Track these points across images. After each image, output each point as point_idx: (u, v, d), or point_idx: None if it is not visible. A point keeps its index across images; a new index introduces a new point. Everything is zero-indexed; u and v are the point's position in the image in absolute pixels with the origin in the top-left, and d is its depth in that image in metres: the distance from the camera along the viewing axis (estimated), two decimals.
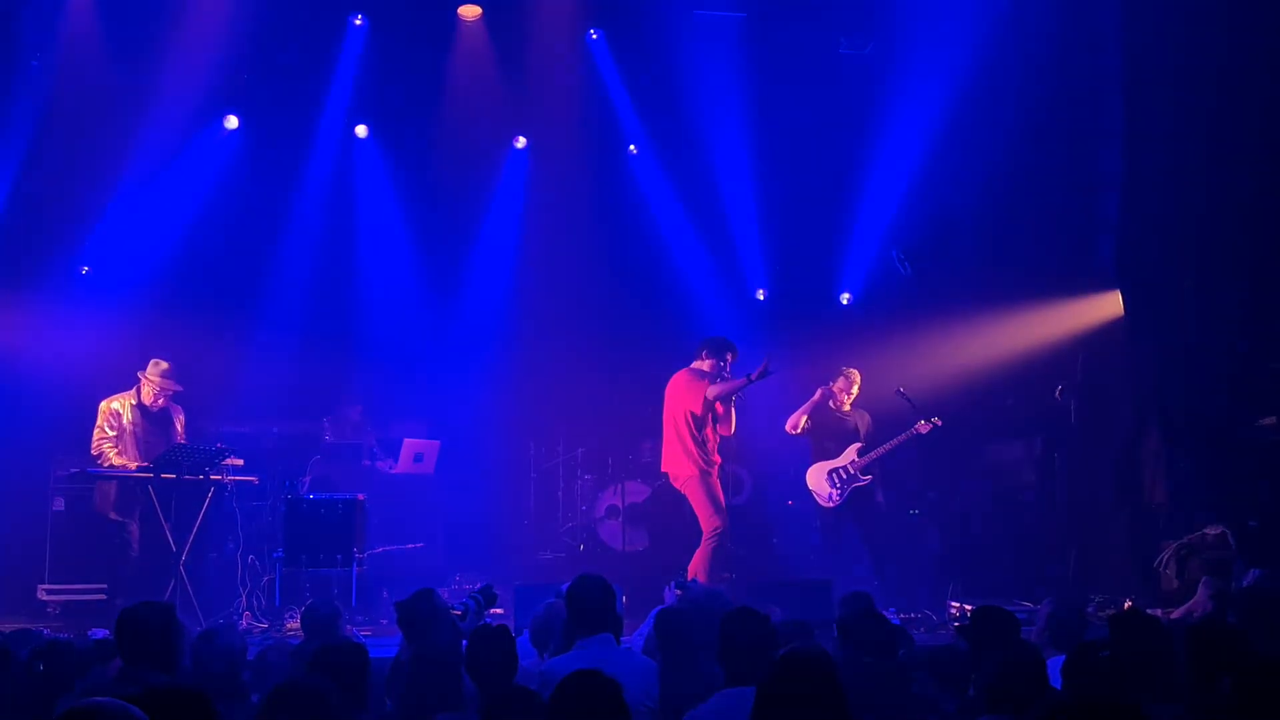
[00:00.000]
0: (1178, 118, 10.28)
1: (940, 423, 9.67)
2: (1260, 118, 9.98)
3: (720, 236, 12.38)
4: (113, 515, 9.15)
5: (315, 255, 11.68)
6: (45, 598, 9.68)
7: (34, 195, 10.62)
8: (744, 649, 4.64)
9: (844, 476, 9.83)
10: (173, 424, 9.48)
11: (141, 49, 10.67)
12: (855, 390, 10.02)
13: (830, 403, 10.02)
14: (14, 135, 10.43)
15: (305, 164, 11.68)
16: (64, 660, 5.28)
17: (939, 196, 11.66)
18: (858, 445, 9.87)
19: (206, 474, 9.04)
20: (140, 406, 9.35)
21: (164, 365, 9.38)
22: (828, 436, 9.98)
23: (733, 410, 9.22)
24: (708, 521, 9.12)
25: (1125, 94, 10.69)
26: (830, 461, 9.89)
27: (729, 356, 9.16)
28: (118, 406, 9.29)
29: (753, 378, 8.85)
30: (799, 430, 9.94)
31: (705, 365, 9.19)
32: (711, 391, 9.02)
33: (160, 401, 9.39)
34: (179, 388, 9.45)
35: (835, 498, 9.85)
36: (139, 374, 9.38)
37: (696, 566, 8.87)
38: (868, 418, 10.06)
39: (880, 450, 9.78)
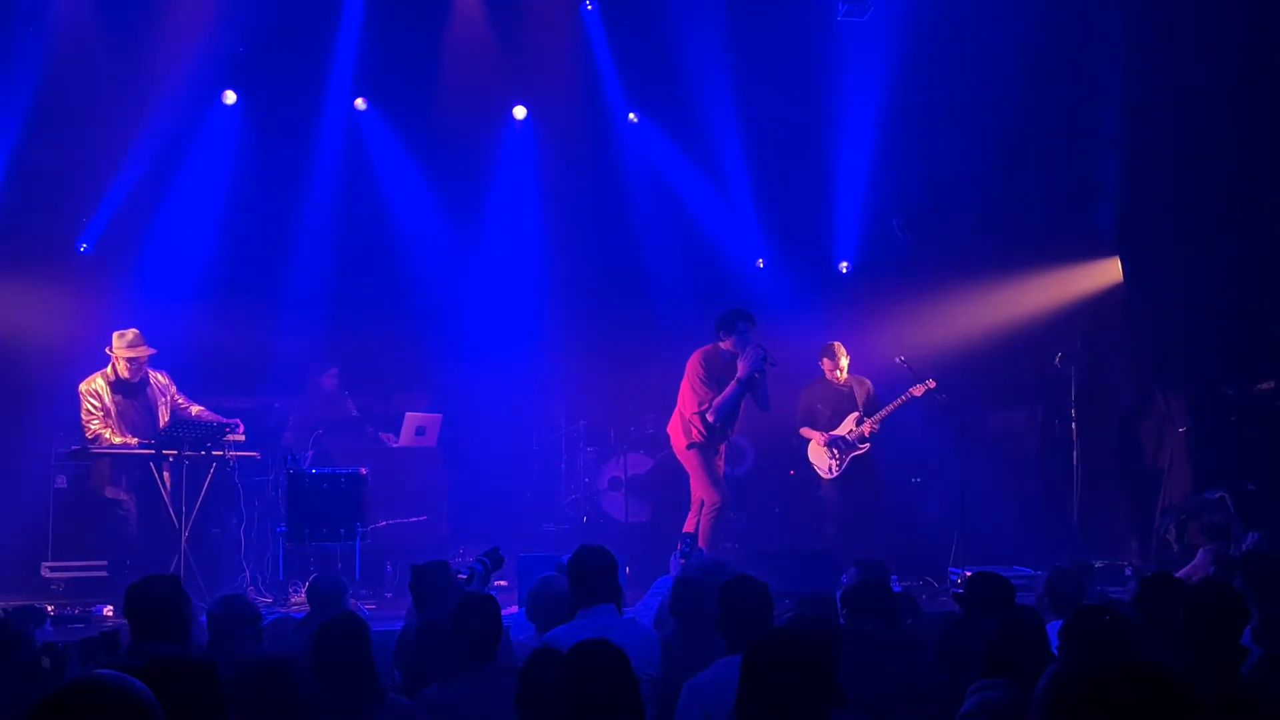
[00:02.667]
0: (1178, 82, 10.25)
1: (935, 384, 9.69)
2: (1262, 83, 9.95)
3: (720, 204, 12.34)
4: (108, 492, 9.10)
5: (315, 229, 11.62)
6: (49, 575, 9.69)
7: (32, 172, 10.58)
8: (743, 617, 4.66)
9: (843, 446, 9.86)
10: (155, 395, 9.27)
11: (138, 22, 10.60)
12: (844, 362, 10.03)
13: (825, 376, 10.05)
14: (11, 110, 10.38)
15: (303, 136, 11.60)
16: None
17: (938, 163, 11.62)
18: (856, 414, 9.89)
19: (209, 449, 9.04)
20: (118, 383, 9.14)
21: (129, 334, 9.14)
22: (825, 409, 10.01)
23: (763, 390, 9.24)
24: (706, 494, 9.18)
25: (1125, 58, 10.65)
26: (829, 433, 9.90)
27: (741, 326, 9.17)
28: (96, 387, 9.09)
29: (741, 379, 9.03)
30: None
31: (726, 344, 9.25)
32: (711, 415, 9.14)
33: (140, 372, 9.19)
34: (152, 350, 9.21)
35: (835, 469, 9.87)
36: (106, 350, 9.18)
37: (701, 536, 8.93)
38: (868, 384, 10.08)
39: (878, 416, 9.81)
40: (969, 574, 6.64)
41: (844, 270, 12.23)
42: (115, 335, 9.16)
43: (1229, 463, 9.86)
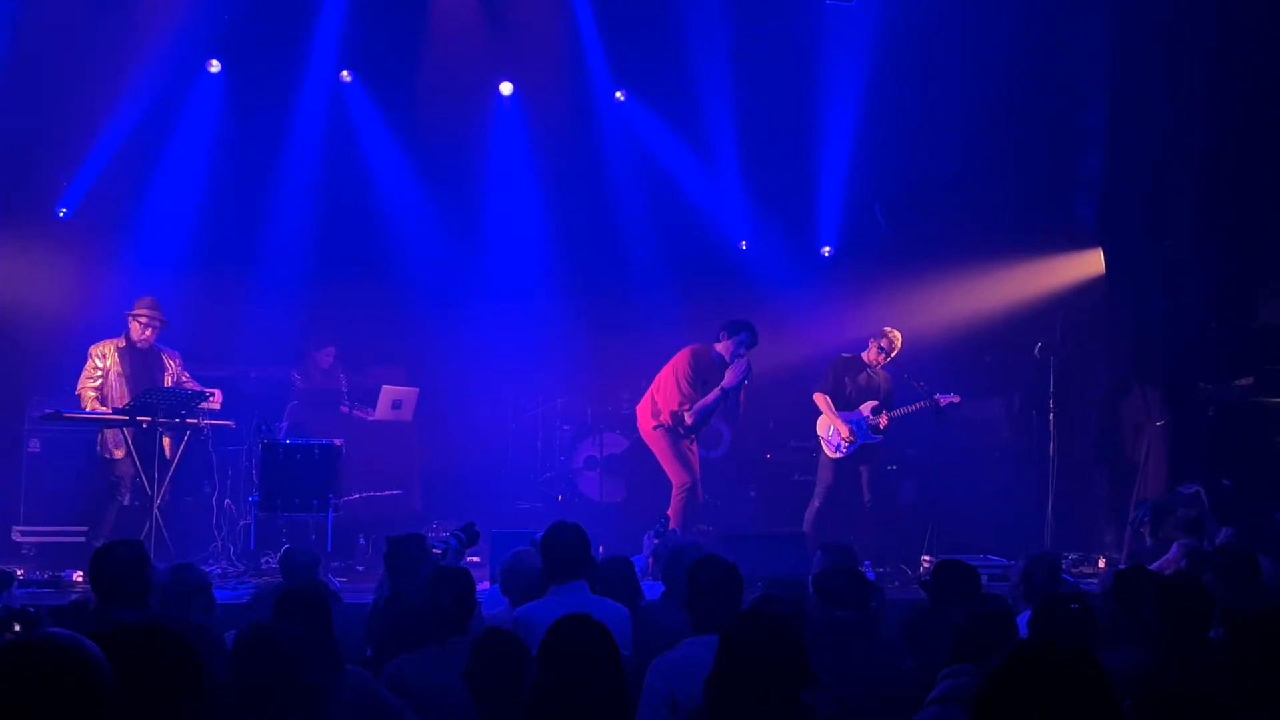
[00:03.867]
0: (1164, 73, 10.25)
1: (959, 399, 9.71)
2: (1247, 74, 9.96)
3: (704, 185, 12.30)
4: (118, 454, 9.09)
5: (295, 200, 11.54)
6: (20, 539, 9.66)
7: (10, 136, 10.47)
8: (711, 596, 4.65)
9: (862, 430, 9.80)
10: (162, 367, 9.37)
11: None
12: (892, 355, 9.98)
13: (865, 355, 9.99)
14: None
15: (285, 108, 11.52)
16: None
17: (922, 150, 11.59)
18: (873, 403, 9.85)
19: (183, 417, 8.99)
20: (129, 349, 9.25)
21: (148, 300, 9.36)
22: (854, 389, 9.95)
23: (736, 403, 9.44)
24: (676, 475, 9.24)
25: (1109, 49, 10.64)
26: (846, 413, 9.86)
27: (744, 337, 9.32)
28: (105, 349, 9.23)
29: (726, 389, 9.23)
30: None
31: (721, 347, 9.37)
32: (690, 417, 9.28)
33: (149, 334, 9.27)
34: (165, 321, 9.36)
35: (844, 449, 9.83)
36: (125, 314, 9.30)
37: (674, 519, 8.93)
38: (890, 380, 10.05)
39: (897, 414, 9.79)
40: (936, 561, 6.66)
41: (826, 254, 12.21)
42: (137, 300, 9.38)
43: (1205, 457, 9.90)
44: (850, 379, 9.99)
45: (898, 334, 9.97)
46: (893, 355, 9.95)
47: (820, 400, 9.96)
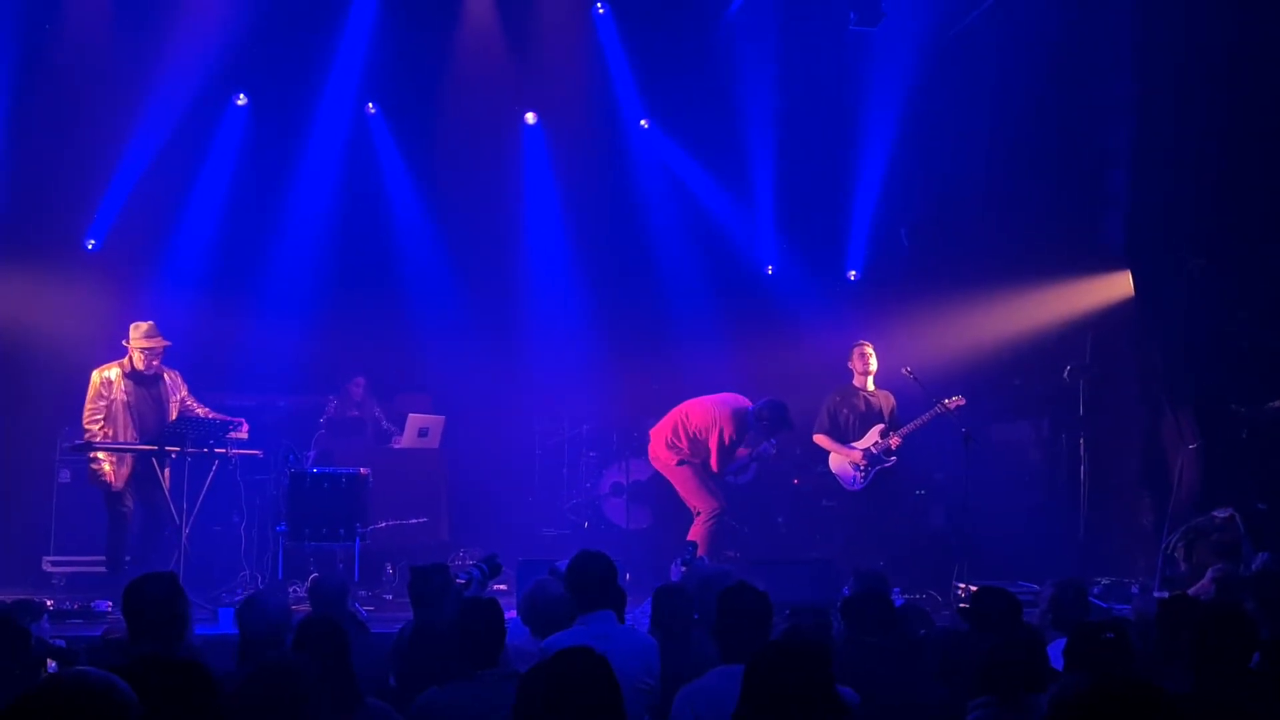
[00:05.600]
0: (1190, 94, 10.17)
1: (964, 400, 9.60)
2: (1272, 95, 9.88)
3: (728, 212, 12.31)
4: (114, 486, 9.01)
5: (322, 230, 11.66)
6: (50, 569, 9.71)
7: (40, 169, 10.60)
8: (739, 626, 4.61)
9: (871, 458, 9.72)
10: (167, 391, 9.21)
11: (150, 21, 10.63)
12: (873, 365, 9.86)
13: (853, 381, 9.92)
14: (21, 107, 10.38)
15: (313, 139, 11.64)
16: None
17: (946, 173, 11.57)
18: (880, 426, 9.76)
19: (211, 447, 9.01)
20: (133, 374, 9.09)
21: (144, 326, 9.10)
22: (853, 417, 9.86)
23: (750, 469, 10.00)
24: (703, 504, 9.21)
25: (1135, 69, 10.59)
26: (861, 448, 9.76)
27: (780, 429, 9.55)
28: (110, 376, 9.03)
29: (753, 454, 9.54)
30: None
31: (759, 425, 9.52)
32: (715, 464, 9.48)
33: (155, 364, 9.14)
34: (166, 343, 9.16)
35: (860, 481, 9.75)
36: (123, 343, 9.13)
37: (700, 545, 8.89)
38: (893, 399, 9.95)
39: (908, 429, 9.66)
40: (975, 589, 6.57)
41: (852, 278, 12.17)
42: (132, 326, 9.13)
43: (1239, 481, 9.76)
44: (847, 409, 9.87)
45: (867, 345, 9.88)
46: (870, 367, 9.83)
47: (822, 441, 9.90)
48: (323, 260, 11.58)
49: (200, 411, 9.33)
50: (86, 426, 8.96)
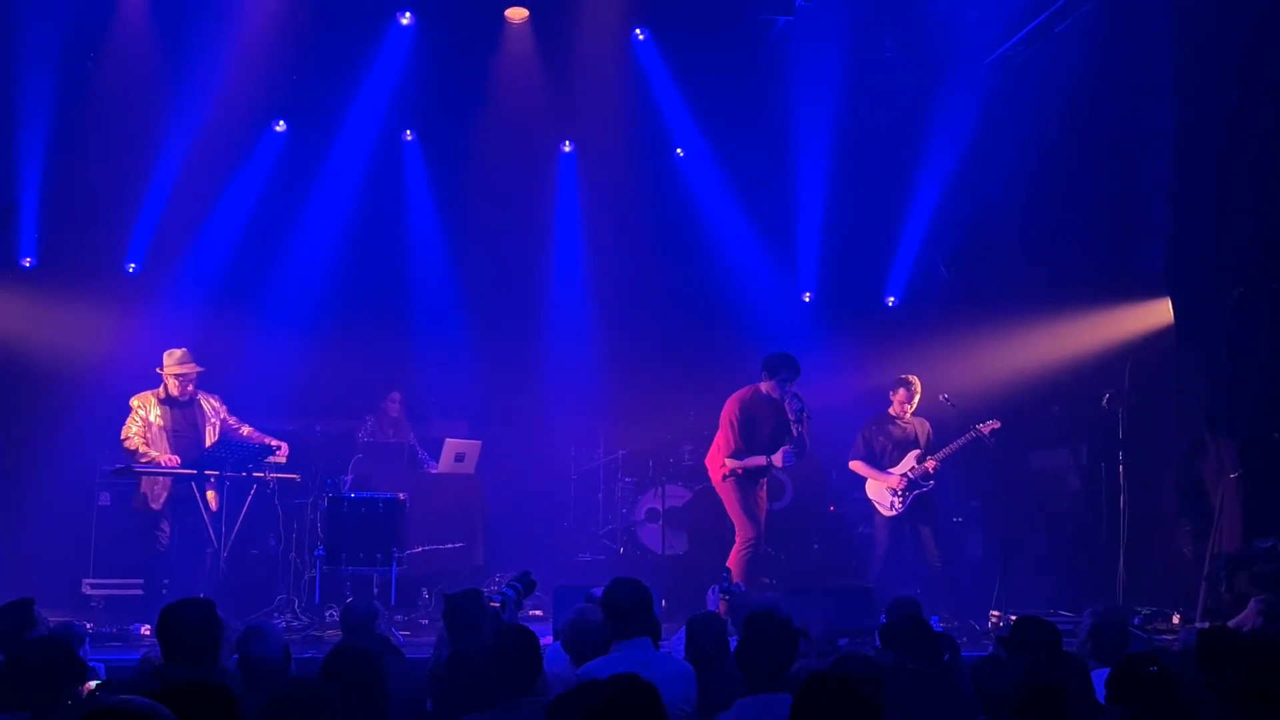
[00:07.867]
0: (1229, 122, 10.11)
1: (999, 425, 9.56)
2: None
3: (766, 238, 12.33)
4: (154, 507, 9.08)
5: (360, 256, 11.76)
6: (90, 592, 9.79)
7: (82, 194, 10.75)
8: (764, 655, 4.57)
9: (909, 484, 9.69)
10: (203, 416, 9.31)
11: (190, 49, 10.75)
12: (916, 399, 9.90)
13: (890, 410, 9.91)
14: (66, 134, 10.53)
15: (351, 165, 11.75)
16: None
17: (985, 201, 11.53)
18: (916, 452, 9.75)
19: (250, 471, 9.07)
20: (168, 400, 9.21)
21: (177, 353, 9.23)
22: (889, 444, 9.86)
23: (801, 440, 9.14)
24: (741, 528, 9.14)
25: (1175, 98, 10.53)
26: (899, 474, 9.74)
27: (784, 374, 9.11)
28: (145, 402, 9.17)
29: (774, 461, 9.09)
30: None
31: (766, 387, 9.23)
32: (730, 464, 9.15)
33: (189, 389, 9.24)
34: (200, 369, 9.27)
35: (898, 506, 9.72)
36: (157, 370, 9.26)
37: (735, 572, 8.84)
38: (928, 425, 9.93)
39: (944, 453, 9.65)
40: (1014, 618, 6.51)
41: (890, 305, 12.14)
42: (165, 354, 9.26)
43: None
44: (883, 437, 9.87)
45: (916, 380, 9.87)
46: (914, 401, 9.84)
47: (858, 468, 9.90)
48: (361, 286, 11.68)
49: (244, 431, 9.42)
50: (130, 443, 9.04)
